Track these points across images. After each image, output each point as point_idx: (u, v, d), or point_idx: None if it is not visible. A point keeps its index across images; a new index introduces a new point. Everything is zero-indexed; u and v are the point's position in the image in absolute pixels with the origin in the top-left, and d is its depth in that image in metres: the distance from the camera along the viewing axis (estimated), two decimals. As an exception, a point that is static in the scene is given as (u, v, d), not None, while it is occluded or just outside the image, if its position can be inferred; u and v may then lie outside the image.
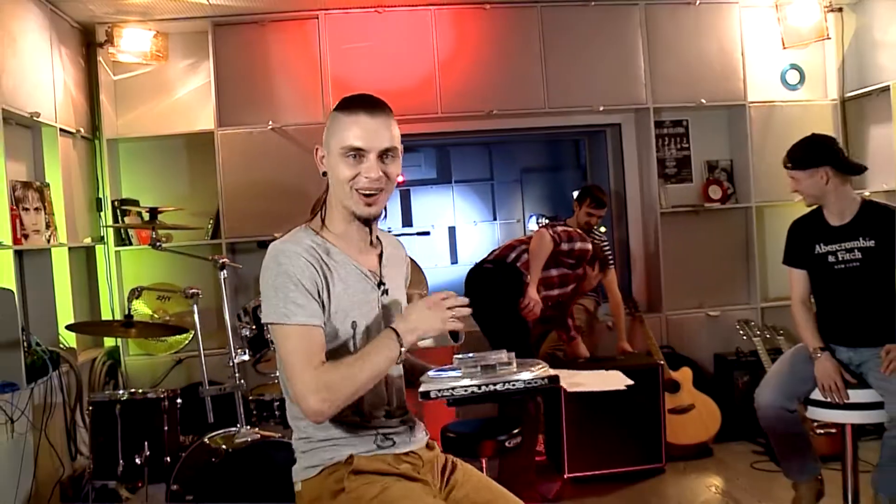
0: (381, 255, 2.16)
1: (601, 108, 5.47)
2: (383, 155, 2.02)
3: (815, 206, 3.59)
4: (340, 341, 1.99)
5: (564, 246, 4.27)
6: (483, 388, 1.96)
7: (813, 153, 3.45)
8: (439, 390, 1.94)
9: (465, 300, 1.96)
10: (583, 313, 5.14)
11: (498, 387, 1.95)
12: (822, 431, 4.54)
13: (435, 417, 4.77)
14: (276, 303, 1.88)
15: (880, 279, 3.42)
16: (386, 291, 2.10)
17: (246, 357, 3.72)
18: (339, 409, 1.85)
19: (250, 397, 3.91)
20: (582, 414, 4.50)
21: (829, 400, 3.40)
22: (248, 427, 3.57)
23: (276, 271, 1.90)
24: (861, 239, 3.42)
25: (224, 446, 3.40)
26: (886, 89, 5.35)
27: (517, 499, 2.12)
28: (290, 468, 2.09)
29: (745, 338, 5.06)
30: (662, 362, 4.83)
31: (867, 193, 5.45)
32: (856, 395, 3.38)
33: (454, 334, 2.01)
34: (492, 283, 4.25)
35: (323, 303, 1.93)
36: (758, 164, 5.67)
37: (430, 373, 2.08)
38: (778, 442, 3.55)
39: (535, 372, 2.00)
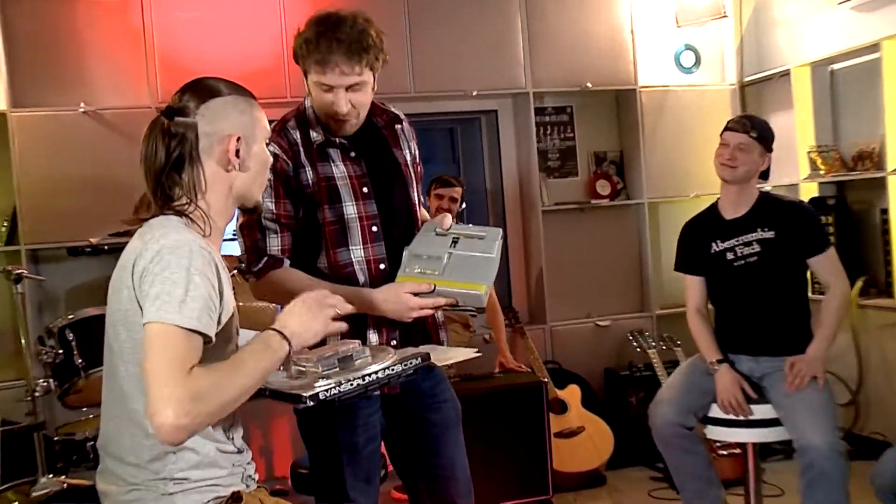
0: None
1: (475, 93, 5.39)
2: None
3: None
4: (231, 348, 2.02)
5: None
6: (368, 378, 2.04)
7: (772, 136, 3.59)
8: (327, 391, 1.97)
9: (342, 301, 2.07)
10: (460, 329, 5.06)
11: (379, 374, 2.06)
12: (725, 453, 4.58)
13: (282, 451, 4.95)
14: (175, 298, 1.82)
15: (781, 276, 3.51)
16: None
17: (51, 388, 3.56)
18: (201, 428, 1.79)
19: (56, 438, 3.69)
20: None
21: (729, 416, 3.44)
22: (51, 475, 3.36)
23: (186, 265, 1.85)
24: (759, 230, 3.51)
25: (16, 503, 3.19)
26: (786, 74, 5.42)
27: None
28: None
29: (638, 350, 5.08)
30: (547, 380, 4.83)
31: (768, 188, 5.50)
32: (758, 411, 3.42)
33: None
34: None
35: (218, 311, 1.93)
36: (650, 156, 5.67)
37: (281, 376, 2.07)
38: (674, 464, 3.59)
39: (393, 357, 2.13)
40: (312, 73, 2.54)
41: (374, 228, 2.64)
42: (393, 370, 2.08)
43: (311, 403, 1.94)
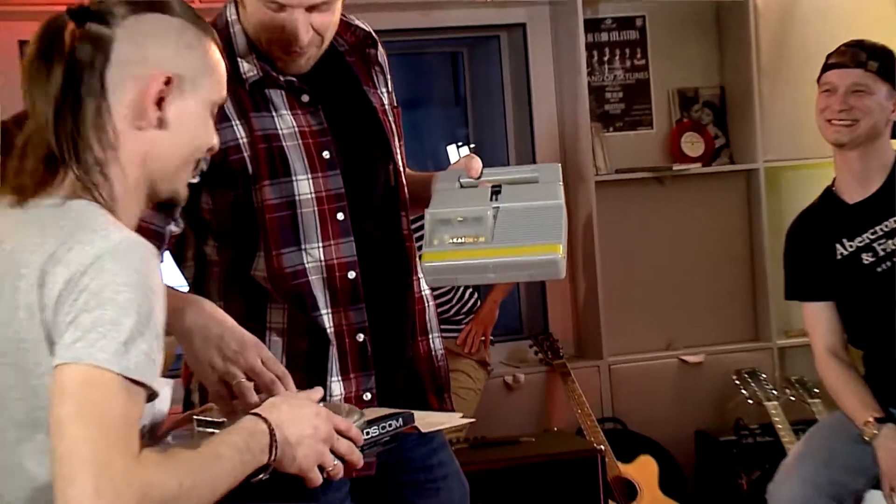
0: None
1: (491, -1, 4.79)
2: None
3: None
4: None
5: None
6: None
7: None
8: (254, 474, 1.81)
9: (359, 456, 1.84)
10: (474, 367, 4.53)
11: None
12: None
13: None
14: (121, 332, 1.50)
15: None
16: None
17: None
18: None
19: None
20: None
21: None
22: None
23: (139, 281, 1.56)
24: None
25: None
26: None
27: None
28: None
29: (750, 402, 4.45)
30: (604, 448, 4.36)
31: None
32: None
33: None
34: None
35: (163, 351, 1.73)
36: (768, 97, 4.90)
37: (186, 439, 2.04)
38: None
39: (358, 419, 1.96)
40: None
41: (340, 216, 2.26)
42: (365, 436, 1.91)
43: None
